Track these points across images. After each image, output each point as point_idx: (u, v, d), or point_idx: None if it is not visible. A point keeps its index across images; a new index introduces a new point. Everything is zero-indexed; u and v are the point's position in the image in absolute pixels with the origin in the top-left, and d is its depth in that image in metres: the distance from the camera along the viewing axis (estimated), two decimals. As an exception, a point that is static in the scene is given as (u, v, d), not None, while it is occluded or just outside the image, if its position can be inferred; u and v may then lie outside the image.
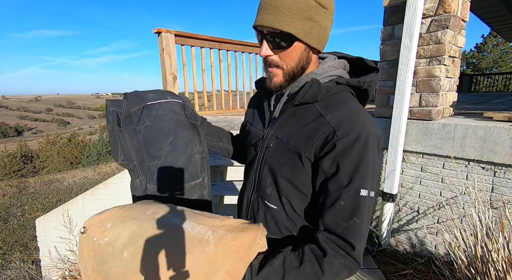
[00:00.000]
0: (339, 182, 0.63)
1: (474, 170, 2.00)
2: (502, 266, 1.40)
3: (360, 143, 0.62)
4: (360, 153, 0.62)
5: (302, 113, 0.71)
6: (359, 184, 0.62)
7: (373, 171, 0.65)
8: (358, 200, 0.62)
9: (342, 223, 0.63)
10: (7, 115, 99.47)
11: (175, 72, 3.05)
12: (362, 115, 0.65)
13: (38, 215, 6.76)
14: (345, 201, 0.63)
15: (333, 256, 0.62)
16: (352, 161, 0.62)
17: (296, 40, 0.64)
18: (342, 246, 0.62)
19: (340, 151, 0.62)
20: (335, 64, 0.73)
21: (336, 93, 0.70)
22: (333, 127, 0.64)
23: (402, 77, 2.16)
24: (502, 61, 17.94)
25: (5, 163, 21.50)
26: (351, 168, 0.62)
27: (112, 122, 0.89)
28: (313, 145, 0.66)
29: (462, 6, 2.11)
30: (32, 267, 3.73)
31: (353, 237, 0.62)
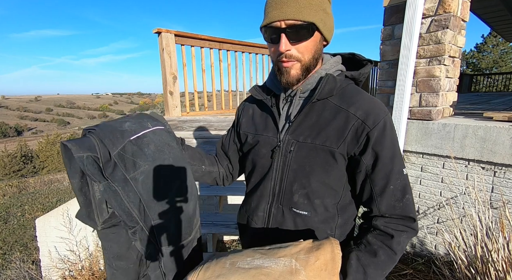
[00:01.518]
0: (384, 169, 0.67)
1: (474, 170, 2.00)
2: (502, 266, 1.40)
3: (388, 129, 0.67)
4: (391, 137, 0.67)
5: (319, 110, 0.71)
6: (400, 165, 0.68)
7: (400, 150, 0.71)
8: (404, 179, 0.68)
9: (398, 204, 0.68)
10: (7, 115, 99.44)
11: (175, 72, 3.05)
12: (379, 102, 0.71)
13: (38, 215, 6.76)
14: (394, 184, 0.67)
15: (398, 235, 0.67)
16: (389, 147, 0.67)
17: (316, 29, 0.65)
18: (403, 223, 0.68)
19: (375, 139, 0.66)
20: (337, 59, 0.77)
21: (346, 86, 0.73)
22: (361, 119, 0.67)
23: (402, 77, 2.16)
24: (502, 61, 17.93)
25: (5, 163, 21.50)
26: (390, 154, 0.67)
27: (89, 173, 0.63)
28: (345, 140, 0.68)
29: (462, 6, 2.11)
30: (32, 267, 3.72)
31: (411, 211, 0.68)
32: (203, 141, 2.68)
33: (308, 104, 0.70)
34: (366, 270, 0.64)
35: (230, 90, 3.85)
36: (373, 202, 0.69)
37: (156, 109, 27.53)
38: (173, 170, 0.71)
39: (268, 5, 0.65)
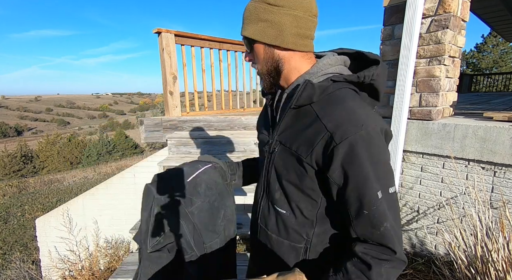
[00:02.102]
0: (355, 191, 0.61)
1: (474, 170, 2.00)
2: (502, 266, 1.40)
3: (362, 145, 0.59)
4: (365, 155, 0.59)
5: (302, 116, 0.69)
6: (375, 189, 0.60)
7: (385, 167, 0.62)
8: (381, 205, 0.60)
9: (375, 231, 0.61)
10: (7, 115, 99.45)
11: (175, 72, 3.05)
12: (360, 113, 0.62)
13: (38, 215, 6.76)
14: (369, 210, 0.60)
15: (378, 265, 0.60)
16: (360, 167, 0.59)
17: (253, 42, 0.69)
18: (383, 252, 0.61)
19: (343, 157, 0.60)
20: (331, 61, 0.70)
21: (333, 92, 0.66)
22: (330, 132, 0.61)
23: (402, 77, 2.16)
24: (502, 61, 17.92)
25: (5, 163, 21.49)
26: (361, 175, 0.59)
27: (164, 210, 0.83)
28: (314, 151, 0.64)
29: (462, 6, 2.11)
30: (32, 267, 3.73)
31: (390, 242, 0.60)
32: (203, 141, 2.69)
33: (286, 110, 0.71)
34: None
35: (230, 90, 3.85)
36: (350, 224, 0.65)
37: (156, 109, 27.54)
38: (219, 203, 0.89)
39: None
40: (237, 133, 2.83)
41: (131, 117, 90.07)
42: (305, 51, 0.70)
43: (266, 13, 0.66)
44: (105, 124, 75.18)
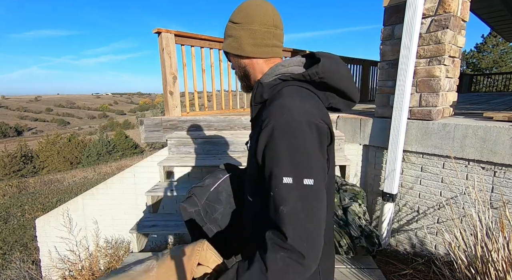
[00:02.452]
0: (267, 173, 0.66)
1: (474, 170, 2.00)
2: (502, 266, 1.40)
3: (279, 132, 0.63)
4: (281, 141, 0.63)
5: (261, 112, 0.77)
6: (281, 172, 0.62)
7: (303, 157, 0.63)
8: (281, 189, 0.62)
9: (274, 214, 0.63)
10: (7, 115, 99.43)
11: (175, 72, 3.05)
12: (289, 105, 0.66)
13: (38, 215, 6.76)
14: (274, 192, 0.63)
15: (273, 250, 0.61)
16: (273, 151, 0.64)
17: (227, 54, 0.86)
18: (279, 237, 0.61)
19: (265, 141, 0.66)
20: (285, 63, 0.79)
21: (281, 89, 0.73)
22: (262, 120, 0.68)
23: (402, 77, 2.16)
24: (502, 61, 17.92)
25: (5, 163, 21.49)
26: (273, 158, 0.64)
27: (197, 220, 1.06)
28: (255, 139, 0.72)
29: (462, 6, 2.11)
30: (32, 267, 3.73)
31: (283, 226, 0.60)
32: (203, 141, 2.69)
33: (251, 108, 0.84)
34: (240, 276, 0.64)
35: (230, 90, 3.85)
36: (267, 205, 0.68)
37: (156, 109, 27.52)
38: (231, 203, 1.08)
39: None
40: (237, 133, 2.83)
41: (131, 117, 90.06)
42: (267, 57, 0.81)
43: (231, 30, 0.81)
44: (105, 124, 75.16)
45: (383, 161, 2.52)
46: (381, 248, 2.24)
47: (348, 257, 2.11)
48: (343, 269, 2.00)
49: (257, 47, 0.79)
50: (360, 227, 2.08)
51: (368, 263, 2.06)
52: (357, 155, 2.74)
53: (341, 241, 2.03)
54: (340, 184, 2.39)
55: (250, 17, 0.77)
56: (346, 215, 2.14)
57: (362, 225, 2.09)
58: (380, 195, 2.46)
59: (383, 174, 2.52)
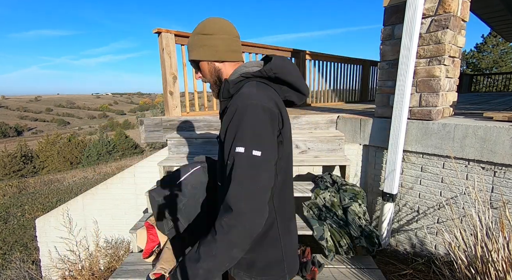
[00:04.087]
0: (226, 147, 0.79)
1: (474, 170, 2.00)
2: (502, 266, 1.40)
3: (238, 113, 0.77)
4: (238, 120, 0.76)
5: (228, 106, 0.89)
6: (235, 143, 0.75)
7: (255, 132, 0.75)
8: (234, 157, 0.75)
9: (227, 181, 0.75)
10: (7, 115, 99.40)
11: (175, 72, 3.05)
12: (248, 94, 0.81)
13: (38, 215, 6.76)
14: (230, 160, 0.76)
15: (220, 216, 0.73)
16: (232, 128, 0.77)
17: (198, 61, 0.96)
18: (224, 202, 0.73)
19: (225, 124, 0.80)
20: (247, 64, 0.95)
21: (243, 85, 0.88)
22: (227, 107, 0.83)
23: (402, 77, 2.16)
24: (502, 61, 17.92)
25: (5, 163, 21.48)
26: (231, 134, 0.77)
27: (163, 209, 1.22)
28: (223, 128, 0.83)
29: (462, 6, 2.11)
30: (32, 267, 3.73)
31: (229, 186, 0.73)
32: (203, 141, 2.69)
33: (220, 105, 0.96)
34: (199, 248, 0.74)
35: (230, 90, 3.85)
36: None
37: (156, 109, 27.52)
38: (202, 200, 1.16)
39: None
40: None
41: (131, 117, 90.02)
42: (235, 61, 0.96)
43: (203, 40, 0.92)
44: (105, 124, 75.12)
45: (383, 161, 2.52)
46: (381, 248, 2.24)
47: (348, 257, 2.11)
48: (343, 269, 2.00)
49: (229, 52, 0.94)
50: (360, 227, 2.08)
51: (368, 263, 2.06)
52: (357, 155, 2.74)
53: (341, 241, 2.03)
54: (340, 184, 2.38)
55: (219, 29, 0.92)
56: (346, 215, 2.14)
57: (362, 225, 2.09)
58: (380, 195, 2.46)
59: (383, 174, 2.52)
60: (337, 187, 2.36)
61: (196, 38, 0.94)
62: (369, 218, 2.21)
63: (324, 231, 2.04)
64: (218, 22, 0.94)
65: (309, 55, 4.60)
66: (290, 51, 4.31)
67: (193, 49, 0.95)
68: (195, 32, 0.94)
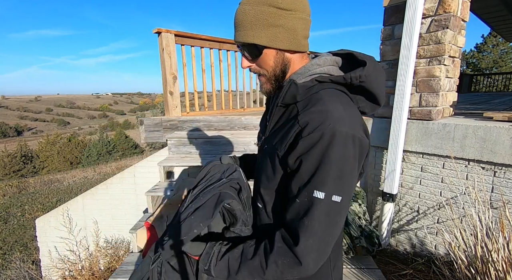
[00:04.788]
0: (299, 180, 0.63)
1: (474, 170, 2.00)
2: (502, 266, 1.40)
3: (323, 143, 0.59)
4: (323, 153, 0.60)
5: (287, 115, 0.72)
6: (315, 185, 0.61)
7: (340, 173, 0.60)
8: (311, 201, 0.61)
9: (294, 220, 0.63)
10: (7, 115, 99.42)
11: (175, 72, 3.05)
12: (334, 114, 0.61)
13: (38, 215, 6.76)
14: (300, 200, 0.62)
15: (278, 254, 0.62)
16: (313, 161, 0.61)
17: (263, 48, 0.68)
18: (288, 243, 0.62)
19: (303, 150, 0.62)
20: (320, 61, 0.71)
21: (317, 92, 0.68)
22: (301, 126, 0.63)
23: (402, 77, 2.16)
24: (502, 61, 17.92)
25: (5, 163, 21.49)
26: (311, 168, 0.61)
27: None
28: (287, 144, 0.66)
29: (462, 6, 2.11)
30: (32, 267, 3.73)
31: (298, 234, 0.61)
32: (203, 141, 2.68)
33: (274, 109, 0.75)
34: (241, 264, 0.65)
35: (230, 90, 3.85)
36: (285, 207, 0.67)
37: (156, 109, 27.53)
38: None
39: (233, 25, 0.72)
40: (237, 133, 2.83)
41: (131, 117, 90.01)
42: (305, 51, 0.73)
43: (277, 18, 0.65)
44: (105, 124, 75.12)
45: (383, 161, 2.52)
46: (381, 248, 2.24)
47: (348, 257, 2.11)
48: (343, 269, 2.00)
49: (305, 39, 0.70)
50: (360, 227, 2.08)
51: (368, 263, 2.06)
52: (357, 155, 2.74)
53: (341, 241, 2.03)
54: (340, 184, 2.39)
55: (299, 3, 0.66)
56: (346, 215, 2.14)
57: (362, 225, 2.09)
58: (380, 195, 2.46)
59: (383, 174, 2.52)
60: (337, 187, 2.36)
61: (267, 11, 0.65)
62: (369, 218, 2.21)
63: (324, 231, 2.04)
64: None
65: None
66: None
67: (258, 27, 0.66)
68: (260, 1, 0.65)
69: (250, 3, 0.65)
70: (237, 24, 0.68)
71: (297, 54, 0.72)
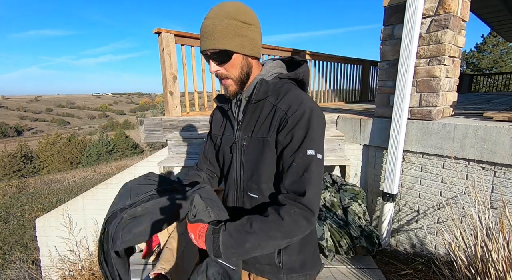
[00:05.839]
0: (292, 148, 0.79)
1: (474, 170, 2.00)
2: (502, 266, 1.40)
3: (306, 116, 0.78)
4: (308, 122, 0.78)
5: (259, 109, 0.88)
6: (307, 146, 0.77)
7: (319, 137, 0.80)
8: (307, 159, 0.77)
9: (296, 180, 0.77)
10: (7, 115, 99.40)
11: (175, 72, 3.05)
12: (305, 98, 0.83)
13: (38, 215, 6.76)
14: (297, 162, 0.77)
15: (289, 206, 0.75)
16: (301, 129, 0.78)
17: (233, 53, 0.80)
18: (295, 198, 0.75)
19: (291, 124, 0.79)
20: (274, 64, 0.92)
21: (281, 86, 0.87)
22: (285, 110, 0.81)
23: (402, 77, 2.16)
24: (502, 61, 17.92)
25: (5, 163, 21.49)
26: (300, 135, 0.78)
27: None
28: (273, 129, 0.83)
29: (462, 6, 2.11)
30: (32, 267, 3.73)
31: (304, 187, 0.75)
32: (203, 141, 2.69)
33: (248, 105, 0.88)
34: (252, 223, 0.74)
35: (230, 90, 3.85)
36: (282, 178, 0.80)
37: (156, 109, 27.54)
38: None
39: (200, 35, 0.82)
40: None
41: (131, 117, 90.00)
42: (259, 58, 0.90)
43: (243, 29, 0.79)
44: (105, 124, 75.10)
45: (383, 161, 2.52)
46: (381, 248, 2.24)
47: (348, 257, 2.11)
48: (343, 269, 2.00)
49: (260, 48, 0.88)
50: (360, 227, 2.08)
51: (368, 263, 2.06)
52: (357, 155, 2.74)
53: (341, 241, 2.03)
54: (340, 184, 2.39)
55: (256, 20, 0.84)
56: (346, 215, 2.14)
57: (362, 225, 2.10)
58: (380, 195, 2.46)
59: (383, 174, 2.52)
60: (337, 187, 2.36)
61: (234, 24, 0.78)
62: (369, 218, 2.21)
63: (324, 231, 2.04)
64: (252, 11, 0.83)
65: (309, 55, 4.60)
66: (290, 51, 4.31)
67: (227, 36, 0.78)
68: (230, 16, 0.78)
69: (219, 16, 0.77)
70: (207, 34, 0.78)
71: (256, 60, 0.89)
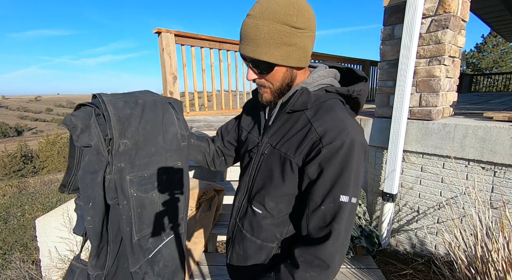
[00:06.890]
0: (322, 187, 0.65)
1: (474, 170, 2.00)
2: (502, 266, 1.40)
3: (344, 151, 0.64)
4: (344, 160, 0.64)
5: (293, 120, 0.74)
6: (340, 190, 0.64)
7: (357, 178, 0.66)
8: (339, 206, 0.64)
9: (323, 227, 0.66)
10: (7, 115, 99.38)
11: (175, 72, 3.05)
12: (348, 124, 0.66)
13: (38, 215, 6.75)
14: (326, 206, 0.65)
15: (304, 269, 0.64)
16: (335, 168, 0.64)
17: (275, 65, 0.67)
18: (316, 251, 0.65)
19: (324, 157, 0.65)
20: (325, 73, 0.75)
21: (325, 101, 0.72)
22: (320, 135, 0.66)
23: (402, 77, 2.16)
24: (502, 61, 17.92)
25: (5, 163, 21.49)
26: (334, 174, 0.64)
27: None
28: (302, 152, 0.69)
29: (462, 6, 2.11)
30: (32, 267, 3.73)
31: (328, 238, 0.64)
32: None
33: (281, 114, 0.75)
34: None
35: (230, 90, 3.85)
36: (306, 217, 0.69)
37: (156, 109, 27.52)
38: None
39: (239, 35, 0.68)
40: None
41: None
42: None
43: (293, 37, 0.64)
44: (105, 124, 74.92)
45: (383, 161, 2.52)
46: (381, 248, 2.24)
47: (348, 257, 2.11)
48: (343, 269, 2.00)
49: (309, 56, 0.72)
50: (360, 227, 2.08)
51: (368, 263, 2.06)
52: (357, 155, 2.73)
53: (341, 241, 2.03)
54: (340, 184, 2.38)
55: (311, 22, 0.66)
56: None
57: (362, 225, 2.10)
58: (380, 195, 2.46)
59: (383, 174, 2.52)
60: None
61: (281, 30, 0.62)
62: (369, 218, 2.22)
63: (324, 231, 2.04)
64: (307, 9, 0.65)
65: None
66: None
67: (272, 46, 0.63)
68: (278, 18, 0.62)
69: (264, 18, 0.62)
70: (248, 38, 0.64)
71: (302, 70, 0.74)
